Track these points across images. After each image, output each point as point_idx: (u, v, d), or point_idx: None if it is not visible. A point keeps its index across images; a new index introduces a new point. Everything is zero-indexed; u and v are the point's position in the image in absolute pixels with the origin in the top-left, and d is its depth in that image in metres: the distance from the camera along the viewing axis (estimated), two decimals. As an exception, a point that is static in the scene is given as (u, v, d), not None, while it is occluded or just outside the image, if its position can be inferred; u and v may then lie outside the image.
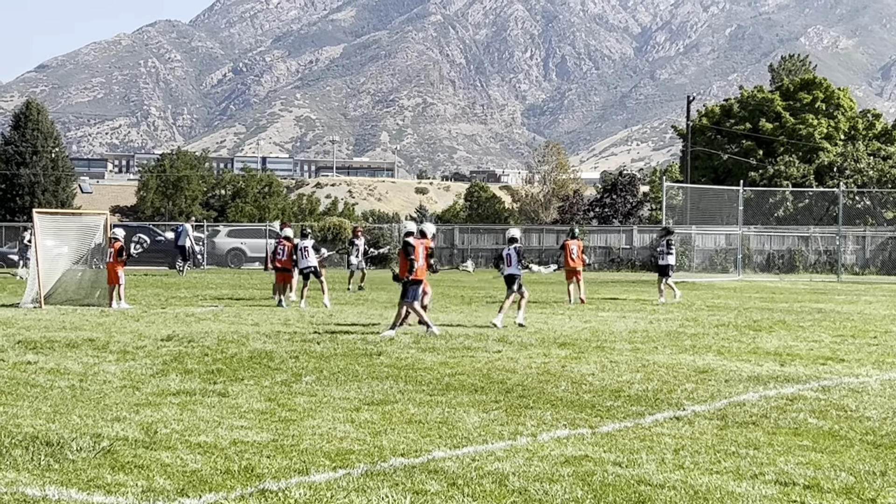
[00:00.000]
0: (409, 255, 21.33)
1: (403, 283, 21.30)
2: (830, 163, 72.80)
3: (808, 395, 13.87)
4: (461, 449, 10.09)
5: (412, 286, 21.27)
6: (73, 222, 33.07)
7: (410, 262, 21.29)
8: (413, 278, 21.25)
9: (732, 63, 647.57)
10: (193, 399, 12.93)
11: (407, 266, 21.29)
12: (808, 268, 60.14)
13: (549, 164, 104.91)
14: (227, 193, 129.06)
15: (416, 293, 21.36)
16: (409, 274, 21.24)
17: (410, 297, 21.27)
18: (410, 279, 21.22)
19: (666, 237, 34.82)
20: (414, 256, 21.35)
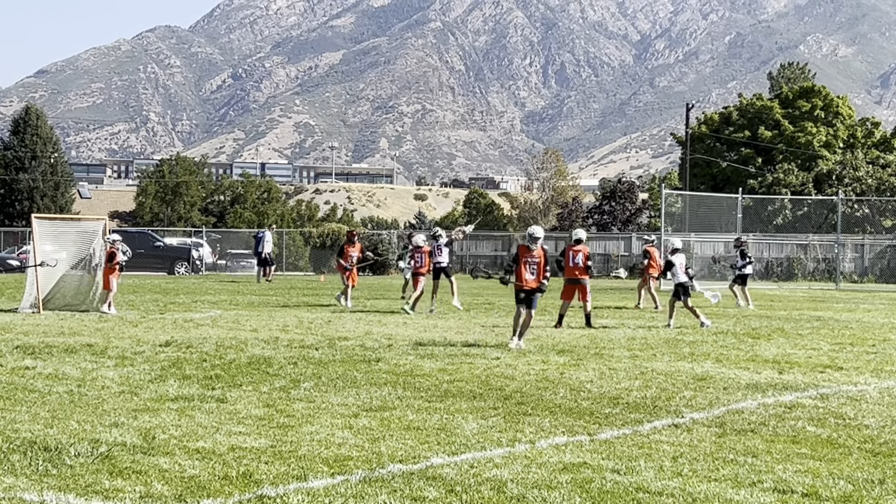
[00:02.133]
0: (548, 266, 20.67)
1: (530, 292, 20.44)
2: (829, 171, 72.83)
3: (807, 403, 13.87)
4: (459, 455, 10.09)
5: (537, 294, 20.56)
6: (72, 227, 33.05)
7: (548, 272, 20.64)
8: (534, 287, 20.49)
9: (731, 71, 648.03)
10: (192, 405, 12.92)
11: (544, 274, 20.52)
12: (807, 276, 60.18)
13: (548, 171, 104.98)
14: (226, 199, 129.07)
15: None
16: (546, 281, 20.59)
17: (535, 305, 20.61)
18: (541, 287, 20.55)
19: (740, 247, 36.26)
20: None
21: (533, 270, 20.42)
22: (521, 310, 20.34)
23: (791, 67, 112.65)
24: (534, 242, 20.61)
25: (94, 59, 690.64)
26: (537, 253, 20.49)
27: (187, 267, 64.46)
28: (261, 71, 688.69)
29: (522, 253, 20.69)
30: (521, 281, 20.44)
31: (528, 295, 20.39)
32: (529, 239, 20.81)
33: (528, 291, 20.37)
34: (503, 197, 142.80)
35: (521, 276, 20.47)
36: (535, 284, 20.42)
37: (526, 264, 20.46)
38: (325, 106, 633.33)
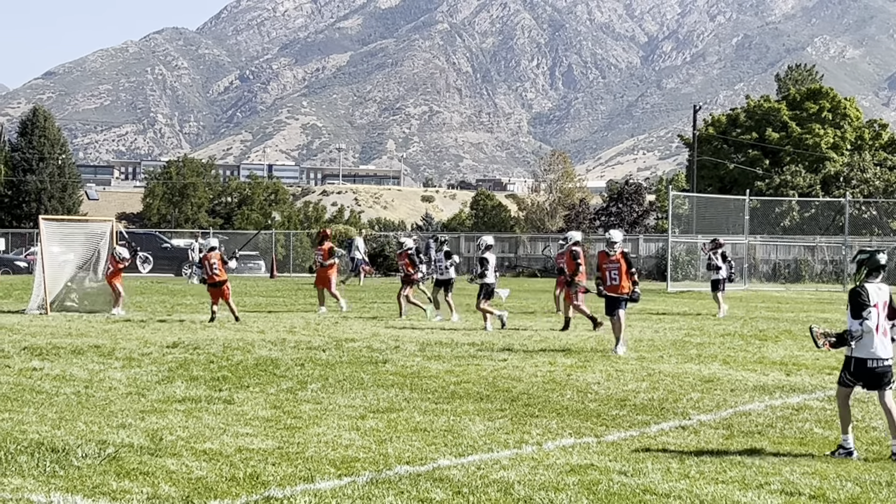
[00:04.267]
0: (632, 268, 20.49)
1: (620, 299, 20.21)
2: (837, 172, 72.72)
3: (814, 405, 13.87)
4: (466, 457, 10.10)
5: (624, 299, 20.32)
6: (80, 229, 33.11)
7: (632, 275, 20.43)
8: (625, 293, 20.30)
9: (739, 73, 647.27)
10: (199, 406, 12.94)
11: (631, 279, 20.31)
12: (814, 278, 60.04)
13: (555, 173, 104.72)
14: (234, 201, 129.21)
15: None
16: (636, 285, 20.49)
17: (624, 307, 20.38)
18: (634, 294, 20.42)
19: (720, 248, 34.18)
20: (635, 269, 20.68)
21: (614, 276, 20.25)
22: (614, 316, 20.16)
23: (798, 69, 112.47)
24: (611, 247, 20.54)
25: (102, 60, 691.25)
26: (616, 257, 20.32)
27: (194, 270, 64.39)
28: (268, 72, 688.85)
29: (602, 259, 20.65)
30: (606, 288, 20.34)
31: (614, 301, 20.20)
32: (607, 244, 20.80)
33: (613, 298, 20.19)
34: (510, 199, 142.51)
35: (605, 283, 20.40)
36: (621, 291, 20.18)
37: (607, 270, 20.40)
38: (333, 107, 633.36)
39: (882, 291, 10.88)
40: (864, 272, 11.02)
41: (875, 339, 10.70)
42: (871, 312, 10.68)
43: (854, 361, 10.82)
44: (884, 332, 10.77)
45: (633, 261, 25.21)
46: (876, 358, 10.70)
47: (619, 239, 20.67)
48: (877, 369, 10.71)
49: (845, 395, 10.96)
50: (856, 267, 11.24)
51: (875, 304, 10.74)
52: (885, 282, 11.21)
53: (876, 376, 10.75)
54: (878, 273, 10.98)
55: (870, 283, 10.90)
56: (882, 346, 10.74)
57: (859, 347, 10.76)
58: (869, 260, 11.04)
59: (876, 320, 10.70)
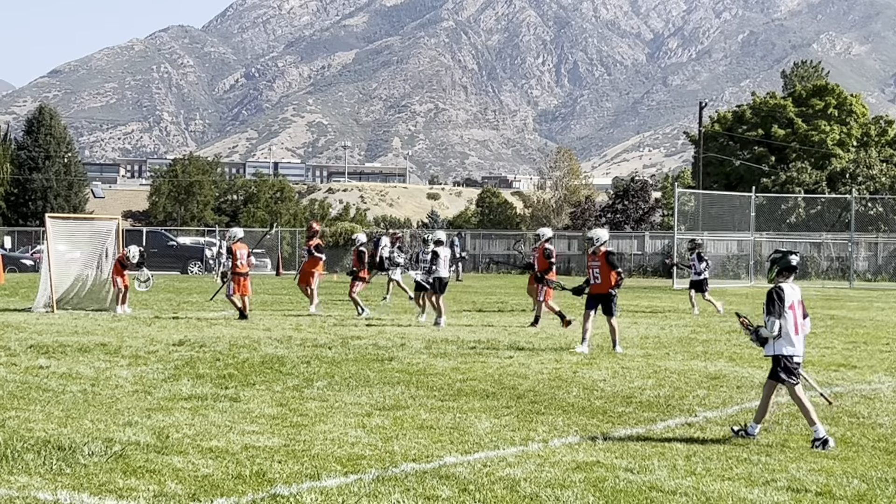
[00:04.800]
0: (617, 267, 20.17)
1: (605, 297, 19.92)
2: (843, 169, 72.65)
3: (820, 402, 13.85)
4: (472, 454, 10.10)
5: (613, 299, 20.04)
6: (86, 227, 33.16)
7: (620, 274, 20.14)
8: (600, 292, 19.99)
9: (745, 69, 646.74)
10: (205, 404, 12.94)
11: (618, 278, 20.00)
12: (821, 274, 60.00)
13: (561, 170, 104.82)
14: (239, 199, 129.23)
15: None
16: (618, 287, 20.08)
17: (616, 310, 20.11)
18: (615, 292, 20.07)
19: (696, 249, 33.46)
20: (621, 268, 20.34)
21: (596, 275, 20.06)
22: (590, 314, 19.88)
23: (804, 66, 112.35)
24: (592, 246, 20.36)
25: (108, 58, 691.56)
26: (597, 257, 20.09)
27: (200, 266, 64.54)
28: (273, 70, 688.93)
29: (589, 259, 20.52)
30: (591, 287, 20.22)
31: (596, 299, 20.00)
32: (588, 243, 20.63)
33: (595, 296, 20.01)
34: (516, 196, 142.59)
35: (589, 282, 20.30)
36: (599, 290, 19.94)
37: (591, 269, 20.27)
38: (338, 105, 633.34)
39: (795, 291, 11.49)
40: (776, 271, 11.63)
41: (794, 337, 11.29)
42: (788, 313, 11.26)
43: (783, 359, 11.34)
44: (799, 331, 11.37)
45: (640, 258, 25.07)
46: (792, 355, 11.30)
47: (597, 237, 20.37)
48: (790, 365, 11.28)
49: (771, 389, 11.51)
50: (769, 265, 11.85)
51: (791, 303, 11.33)
52: (895, 280, 11.51)
53: (790, 371, 11.30)
54: (789, 273, 11.59)
55: (784, 282, 11.47)
56: (798, 343, 11.33)
57: (785, 345, 11.31)
58: (781, 260, 11.64)
59: (793, 319, 11.29)
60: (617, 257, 20.66)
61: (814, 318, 28.62)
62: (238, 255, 26.72)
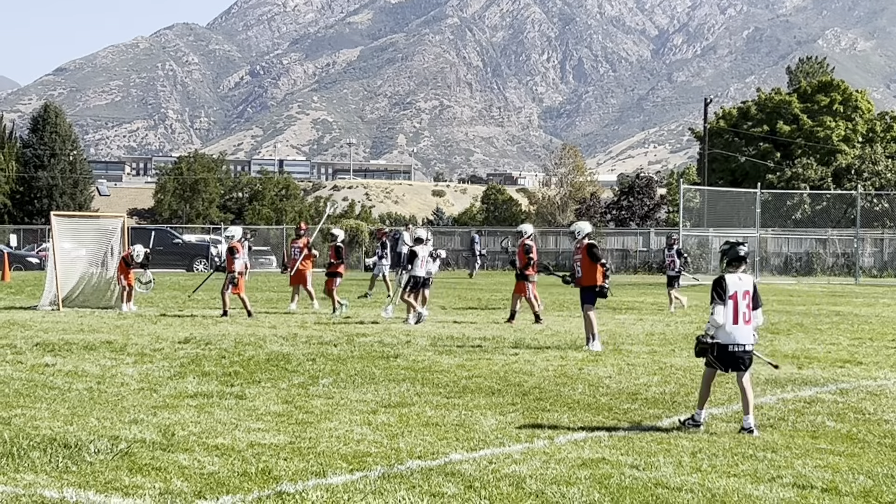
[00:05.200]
0: (601, 259, 19.79)
1: (593, 290, 19.60)
2: (848, 165, 72.59)
3: (826, 398, 13.85)
4: (478, 451, 10.10)
5: (597, 292, 19.69)
6: (91, 225, 33.18)
7: (605, 266, 19.86)
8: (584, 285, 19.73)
9: (750, 65, 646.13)
10: (211, 401, 12.95)
11: (602, 271, 19.68)
12: (826, 270, 59.98)
13: (566, 167, 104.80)
14: (245, 196, 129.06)
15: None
16: (606, 279, 19.77)
17: (592, 302, 19.71)
18: (603, 286, 19.69)
19: (675, 245, 33.24)
20: (605, 260, 19.97)
21: (578, 269, 19.89)
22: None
23: (809, 62, 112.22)
24: (575, 239, 20.25)
25: (113, 56, 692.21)
26: (579, 250, 19.94)
27: (206, 264, 64.54)
28: (278, 68, 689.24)
29: (574, 252, 20.30)
30: (575, 280, 20.02)
31: (583, 295, 19.83)
32: (572, 236, 20.39)
33: (583, 291, 19.82)
34: (521, 193, 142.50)
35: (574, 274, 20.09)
36: (587, 283, 19.66)
37: (575, 262, 20.13)
38: (343, 102, 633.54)
39: (743, 281, 11.75)
40: (725, 262, 12.01)
41: (734, 326, 11.59)
42: (728, 302, 11.58)
43: (717, 347, 11.67)
44: (745, 320, 11.65)
45: (645, 255, 24.99)
46: (735, 343, 11.61)
47: (579, 230, 20.16)
48: (736, 353, 11.63)
49: (710, 376, 11.86)
50: (720, 256, 12.33)
51: (733, 293, 11.62)
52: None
53: (736, 360, 11.67)
54: (738, 263, 11.90)
55: (731, 273, 11.80)
56: (741, 333, 11.62)
57: (721, 334, 11.64)
58: (729, 251, 12.02)
59: (733, 309, 11.59)
60: (599, 250, 20.21)
61: (819, 315, 28.73)
62: (239, 254, 26.68)
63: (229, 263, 26.63)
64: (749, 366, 11.81)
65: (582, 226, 20.49)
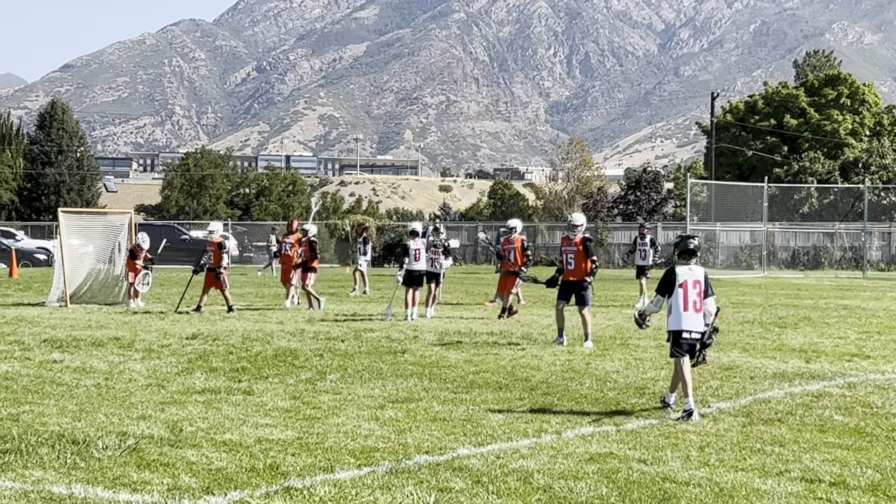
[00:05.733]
0: (593, 255, 19.47)
1: (584, 286, 19.26)
2: (856, 159, 72.49)
3: (834, 392, 13.83)
4: (486, 447, 10.10)
5: (587, 289, 19.37)
6: (98, 221, 33.21)
7: (595, 263, 19.37)
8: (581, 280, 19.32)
9: (757, 59, 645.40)
10: (218, 397, 12.97)
11: (591, 266, 19.28)
12: (834, 264, 59.89)
13: (573, 162, 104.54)
14: (252, 192, 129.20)
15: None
16: (592, 275, 19.36)
17: (589, 301, 19.45)
18: (590, 282, 19.36)
19: (648, 234, 32.42)
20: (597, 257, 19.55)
21: (570, 260, 19.38)
22: (559, 306, 19.49)
23: (816, 55, 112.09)
24: (572, 231, 19.66)
25: (119, 53, 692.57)
26: (575, 242, 19.37)
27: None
28: (285, 63, 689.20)
29: (563, 243, 19.82)
30: (564, 273, 19.51)
31: (568, 289, 19.41)
32: (569, 227, 19.86)
33: (567, 286, 19.40)
34: (528, 188, 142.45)
35: (563, 267, 19.61)
36: (572, 276, 19.28)
37: (566, 254, 19.57)
38: (350, 98, 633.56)
39: (693, 272, 12.47)
40: (676, 254, 12.74)
41: (685, 314, 12.34)
42: (678, 291, 12.35)
43: (672, 334, 12.47)
44: (695, 308, 12.36)
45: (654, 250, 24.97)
46: (686, 330, 12.33)
47: (580, 223, 19.72)
48: (689, 340, 12.35)
49: (682, 363, 12.34)
50: (672, 249, 13.22)
51: (683, 282, 12.36)
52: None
53: (693, 346, 12.41)
54: (689, 256, 12.62)
55: (680, 265, 12.53)
56: (691, 320, 12.35)
57: (673, 321, 12.44)
58: (680, 244, 12.75)
59: (684, 298, 12.33)
60: (595, 245, 19.94)
61: (827, 309, 28.70)
62: (226, 250, 26.79)
63: (217, 259, 26.67)
64: (702, 350, 12.57)
65: (582, 218, 20.12)
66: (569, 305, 19.39)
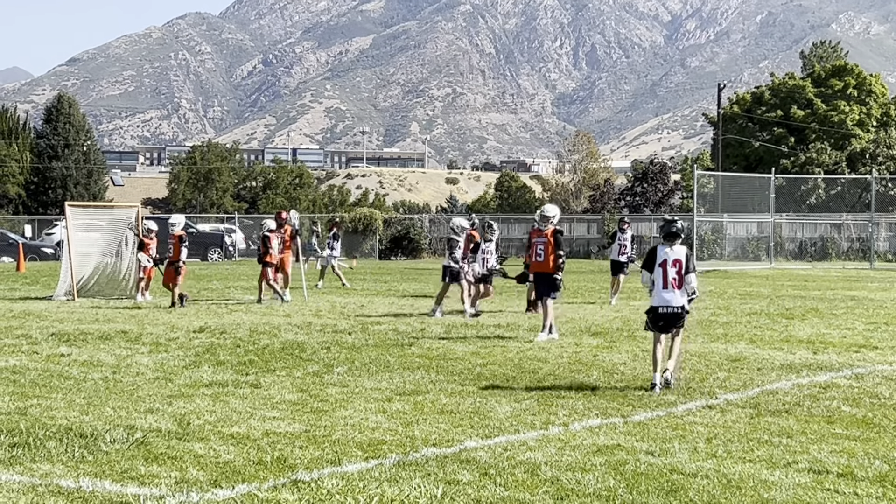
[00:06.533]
0: (561, 247, 19.06)
1: (551, 278, 18.93)
2: (863, 149, 72.41)
3: (842, 383, 13.82)
4: (493, 439, 10.10)
5: (556, 282, 19.02)
6: (105, 215, 33.23)
7: (560, 256, 18.95)
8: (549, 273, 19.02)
9: (763, 50, 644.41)
10: (226, 390, 12.97)
11: (557, 260, 18.93)
12: (841, 255, 59.86)
13: (580, 153, 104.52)
14: (258, 185, 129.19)
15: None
16: (560, 270, 19.00)
17: (557, 294, 19.18)
18: (558, 276, 19.02)
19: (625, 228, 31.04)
20: (563, 251, 19.14)
21: (540, 252, 19.13)
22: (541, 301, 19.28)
23: (823, 46, 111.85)
24: (544, 222, 19.28)
25: (126, 46, 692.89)
26: (546, 233, 19.08)
27: (220, 253, 64.70)
28: (291, 56, 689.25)
29: (532, 235, 19.57)
30: (531, 265, 19.35)
31: (540, 282, 19.17)
32: (540, 218, 19.48)
33: (540, 282, 19.18)
34: (535, 180, 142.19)
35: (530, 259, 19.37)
36: (545, 269, 19.03)
37: (535, 245, 19.28)
38: (356, 91, 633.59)
39: (673, 251, 13.46)
40: (662, 236, 13.77)
41: (664, 290, 13.39)
42: (658, 270, 13.44)
43: (651, 310, 13.56)
44: (675, 286, 13.37)
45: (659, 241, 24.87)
46: (664, 305, 13.41)
47: (552, 214, 19.33)
48: (667, 314, 13.41)
49: (654, 340, 13.46)
50: (659, 231, 13.83)
51: (663, 261, 13.40)
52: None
53: (668, 320, 13.44)
54: (672, 238, 13.56)
55: (662, 245, 13.58)
56: (669, 296, 13.38)
57: (653, 299, 13.50)
58: (663, 227, 13.87)
59: (663, 275, 13.39)
60: (563, 238, 19.44)
61: (834, 300, 28.68)
62: (185, 244, 26.72)
63: (177, 252, 26.48)
64: (680, 324, 13.56)
65: (556, 210, 19.69)
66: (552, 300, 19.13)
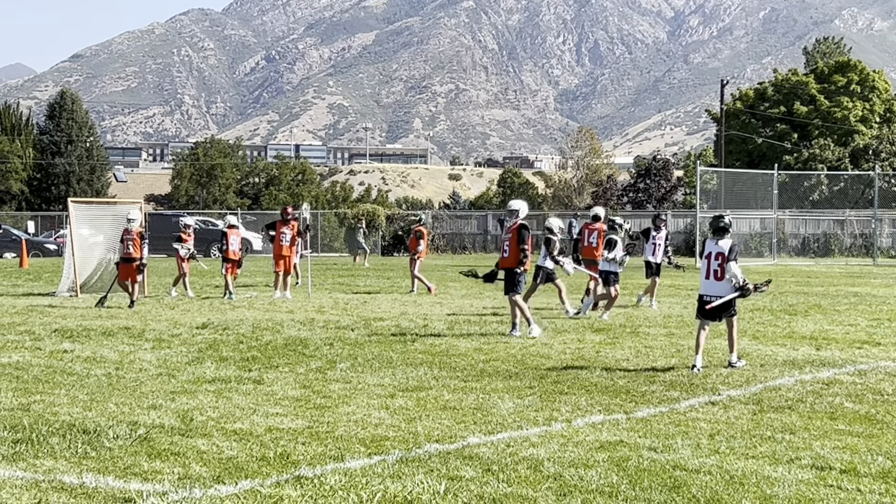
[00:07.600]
0: (525, 244, 18.74)
1: (517, 274, 18.74)
2: (866, 146, 72.34)
3: (845, 380, 13.81)
4: (496, 435, 10.10)
5: (521, 277, 18.87)
6: (108, 211, 33.22)
7: (523, 251, 18.70)
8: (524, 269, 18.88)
9: (766, 46, 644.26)
10: (229, 386, 12.98)
11: (519, 255, 18.69)
12: (844, 251, 59.79)
13: (583, 150, 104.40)
14: (261, 181, 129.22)
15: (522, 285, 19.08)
16: (522, 265, 18.71)
17: (519, 288, 18.95)
18: (522, 270, 18.79)
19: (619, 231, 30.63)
20: (528, 245, 18.78)
21: (506, 249, 19.01)
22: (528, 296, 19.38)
23: (826, 42, 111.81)
24: (510, 216, 19.12)
25: (129, 42, 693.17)
26: (511, 229, 18.99)
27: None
28: (294, 53, 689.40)
29: (504, 231, 19.38)
30: (501, 261, 19.19)
31: (508, 280, 18.95)
32: (508, 212, 19.31)
33: (508, 277, 18.95)
34: (538, 176, 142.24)
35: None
36: (507, 264, 18.91)
37: (504, 242, 19.21)
38: (359, 87, 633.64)
39: (718, 245, 14.75)
40: (710, 231, 15.27)
41: (706, 281, 14.70)
42: (703, 262, 14.88)
43: (699, 298, 14.97)
44: (716, 276, 14.61)
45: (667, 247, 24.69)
46: (708, 295, 14.74)
47: (516, 208, 19.11)
48: (709, 302, 14.65)
49: (699, 325, 14.90)
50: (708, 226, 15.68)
51: (708, 254, 14.78)
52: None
53: (714, 308, 14.63)
54: (720, 233, 14.89)
55: (711, 239, 14.96)
56: (713, 286, 14.67)
57: (701, 287, 14.87)
58: (711, 223, 15.28)
59: (707, 267, 14.74)
60: (528, 234, 18.93)
61: (837, 296, 28.65)
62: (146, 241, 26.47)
63: (139, 249, 26.19)
64: (729, 314, 14.78)
65: (522, 205, 19.37)
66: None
